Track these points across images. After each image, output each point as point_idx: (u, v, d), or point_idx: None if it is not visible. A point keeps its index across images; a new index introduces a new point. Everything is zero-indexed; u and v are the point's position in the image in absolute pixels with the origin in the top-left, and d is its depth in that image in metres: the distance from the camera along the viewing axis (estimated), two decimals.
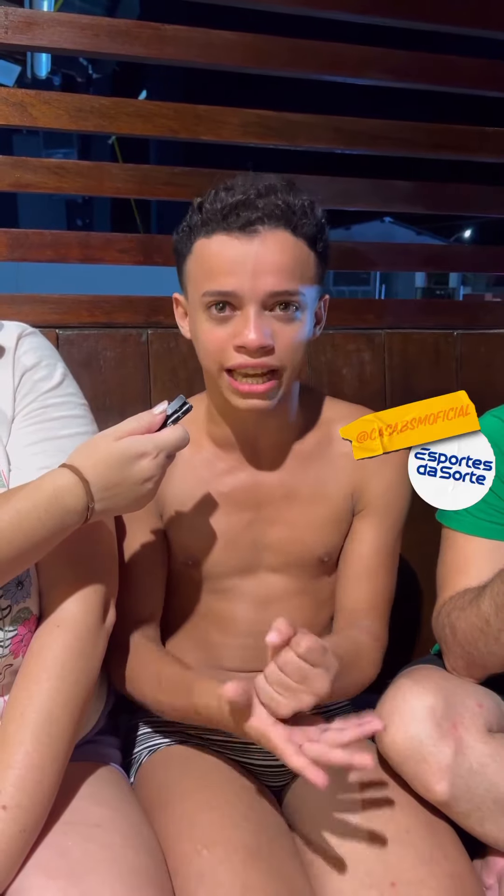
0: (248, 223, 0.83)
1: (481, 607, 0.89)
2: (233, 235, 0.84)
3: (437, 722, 0.84)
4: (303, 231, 0.86)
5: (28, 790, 0.73)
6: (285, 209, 0.84)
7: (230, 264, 0.84)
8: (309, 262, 0.87)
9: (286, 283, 0.84)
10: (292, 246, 0.85)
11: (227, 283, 0.84)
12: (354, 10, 1.36)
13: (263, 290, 0.83)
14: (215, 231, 0.85)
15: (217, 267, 0.85)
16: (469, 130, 1.46)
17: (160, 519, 0.99)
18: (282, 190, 0.85)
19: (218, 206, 0.85)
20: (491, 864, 0.90)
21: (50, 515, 0.74)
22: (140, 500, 0.80)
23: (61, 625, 0.82)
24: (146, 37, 1.25)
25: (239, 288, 0.84)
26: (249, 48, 1.31)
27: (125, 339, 1.26)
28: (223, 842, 0.81)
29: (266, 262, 0.83)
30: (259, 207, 0.83)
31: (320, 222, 0.88)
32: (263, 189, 0.85)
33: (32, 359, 0.87)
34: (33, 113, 1.22)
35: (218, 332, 0.87)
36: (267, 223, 0.84)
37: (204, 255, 0.86)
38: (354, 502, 1.01)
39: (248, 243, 0.83)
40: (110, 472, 0.76)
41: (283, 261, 0.84)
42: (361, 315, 1.44)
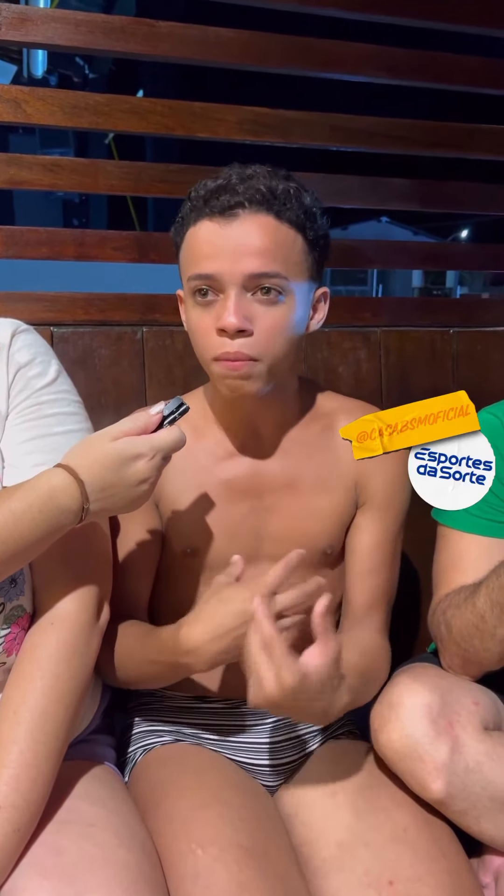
0: (229, 207, 0.84)
1: (476, 604, 0.89)
2: (214, 220, 0.84)
3: (433, 720, 0.84)
4: (286, 216, 0.85)
5: (22, 789, 0.73)
6: (266, 193, 0.84)
7: (211, 248, 0.84)
8: (294, 247, 0.86)
9: (266, 266, 0.84)
10: (274, 229, 0.85)
11: (208, 266, 0.84)
12: (351, 7, 1.36)
13: (242, 272, 0.83)
14: (200, 218, 0.86)
15: (200, 251, 0.86)
16: (465, 128, 1.45)
17: (156, 508, 0.99)
18: (265, 175, 0.86)
19: (202, 193, 0.86)
20: (487, 862, 0.90)
21: (44, 516, 0.73)
22: (135, 502, 0.80)
23: (55, 623, 0.81)
24: (141, 33, 1.25)
25: (218, 271, 0.84)
26: (245, 45, 1.31)
27: (120, 336, 1.25)
28: (218, 841, 0.81)
29: (246, 245, 0.83)
30: (239, 192, 0.84)
31: (308, 209, 0.88)
32: (246, 175, 0.86)
33: (26, 356, 0.86)
34: (27, 110, 1.22)
35: (204, 318, 0.87)
36: (248, 207, 0.84)
37: (191, 243, 0.87)
38: (358, 494, 1.00)
39: (229, 227, 0.84)
40: (106, 473, 0.76)
41: (263, 243, 0.84)
42: (358, 313, 1.43)
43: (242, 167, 0.88)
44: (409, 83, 1.42)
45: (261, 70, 1.35)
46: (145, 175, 1.31)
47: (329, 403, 1.02)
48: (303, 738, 1.05)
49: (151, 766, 0.98)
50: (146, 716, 1.06)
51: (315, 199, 0.90)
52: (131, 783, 0.98)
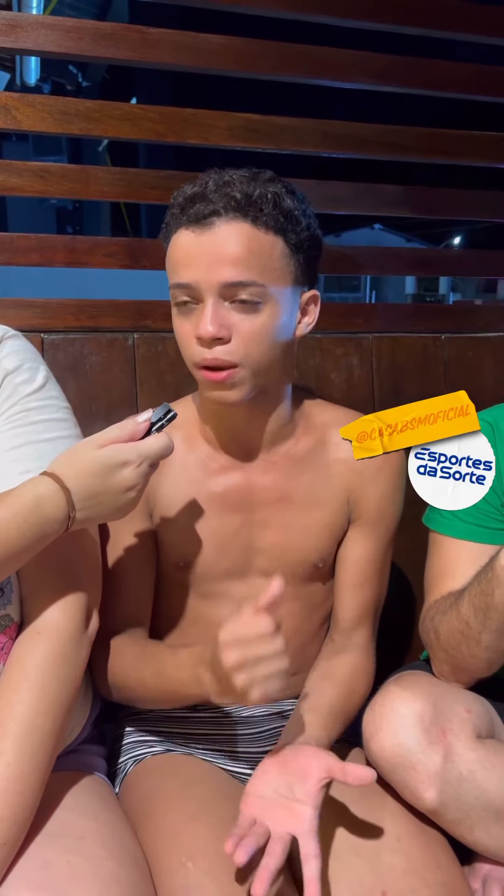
0: (204, 216, 0.83)
1: (461, 610, 0.89)
2: (191, 229, 0.84)
3: (425, 728, 0.83)
4: (263, 221, 0.84)
5: (9, 802, 0.72)
6: (241, 199, 0.83)
7: (188, 257, 0.84)
8: (274, 252, 0.85)
9: (241, 274, 0.83)
10: (250, 237, 0.84)
11: (185, 276, 0.84)
12: (342, 14, 1.36)
13: (218, 281, 0.83)
14: (179, 226, 0.86)
15: (177, 260, 0.86)
16: (457, 135, 1.46)
17: (150, 519, 0.98)
18: (242, 181, 0.85)
19: (179, 201, 0.86)
20: (476, 868, 0.90)
21: (30, 524, 0.72)
22: (122, 509, 0.79)
23: (43, 632, 0.80)
24: (131, 40, 1.25)
25: (195, 280, 0.84)
26: (236, 52, 1.31)
27: (111, 343, 1.25)
28: (208, 854, 0.80)
29: (220, 254, 0.83)
30: (213, 200, 0.83)
31: (289, 212, 0.86)
32: (223, 182, 0.85)
33: (14, 362, 0.86)
34: (17, 116, 1.21)
35: (185, 325, 0.87)
36: (223, 215, 0.83)
37: (171, 251, 0.87)
38: (350, 510, 1.00)
39: (204, 236, 0.83)
40: (92, 481, 0.75)
41: (238, 252, 0.83)
42: (350, 319, 1.43)
43: (220, 173, 0.87)
44: (401, 90, 1.42)
45: (251, 76, 1.35)
46: (137, 181, 1.31)
47: (322, 415, 1.01)
48: None
49: (142, 776, 0.97)
50: (137, 726, 1.05)
51: (300, 201, 0.89)
52: (122, 794, 0.97)
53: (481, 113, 1.64)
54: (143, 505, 0.95)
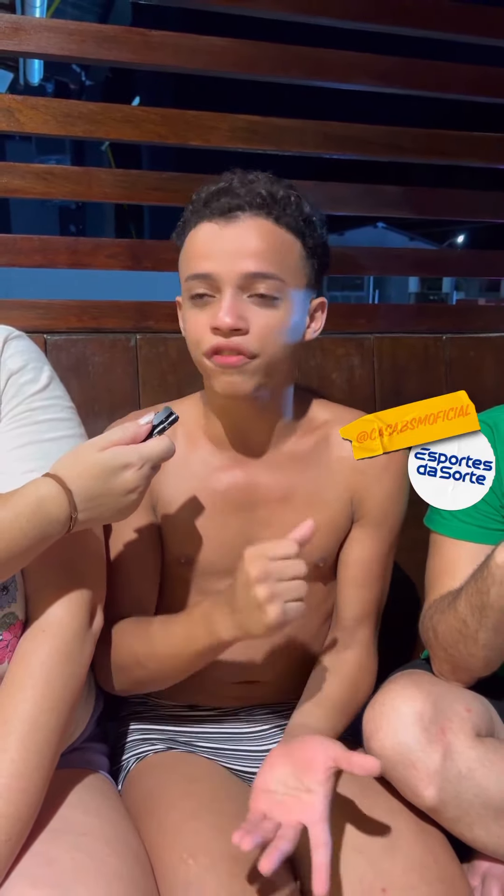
0: (229, 209, 0.85)
1: (458, 609, 0.89)
2: (214, 221, 0.86)
3: (425, 727, 0.83)
4: (285, 221, 0.86)
5: (13, 799, 0.73)
6: (266, 197, 0.85)
7: (209, 248, 0.85)
8: (293, 252, 0.87)
9: (262, 266, 0.84)
10: (271, 232, 0.86)
11: (205, 266, 0.85)
12: (343, 16, 1.36)
13: (238, 272, 0.84)
14: (201, 220, 0.87)
15: (198, 251, 0.87)
16: (458, 136, 1.46)
17: (154, 515, 0.99)
18: (266, 180, 0.88)
19: (203, 196, 0.88)
20: (476, 866, 0.90)
21: (32, 525, 0.73)
22: (123, 511, 0.80)
23: (47, 630, 0.81)
24: (133, 43, 1.25)
25: (215, 270, 0.84)
26: (237, 54, 1.31)
27: (114, 344, 1.26)
28: (209, 851, 0.81)
29: (243, 245, 0.84)
30: (240, 194, 0.85)
31: (308, 217, 0.89)
32: (248, 179, 0.87)
33: (18, 362, 0.86)
34: (20, 118, 1.22)
35: (199, 317, 0.87)
36: (248, 210, 0.85)
37: (190, 244, 0.88)
38: (354, 509, 1.00)
39: (228, 228, 0.85)
40: (94, 483, 0.76)
41: (260, 245, 0.85)
42: (351, 319, 1.44)
43: (244, 172, 0.89)
44: (401, 91, 1.43)
45: (252, 78, 1.35)
46: (139, 183, 1.31)
47: (324, 414, 1.02)
48: None
49: (144, 774, 0.97)
50: (140, 723, 1.06)
51: (315, 209, 0.91)
52: (125, 791, 0.97)
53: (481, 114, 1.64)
54: (147, 501, 0.96)
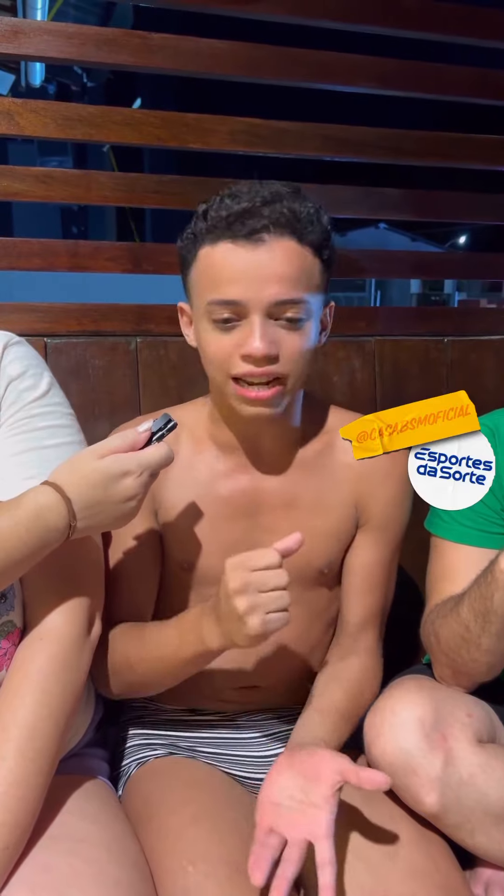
0: (254, 231, 0.82)
1: (461, 614, 0.89)
2: (238, 244, 0.83)
3: (426, 733, 0.83)
4: (308, 239, 0.85)
5: (11, 807, 0.72)
6: (291, 217, 0.83)
7: (235, 273, 0.83)
8: (314, 270, 0.86)
9: (292, 292, 0.83)
10: (298, 254, 0.84)
11: (232, 292, 0.83)
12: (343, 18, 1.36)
13: (269, 299, 0.83)
14: (220, 239, 0.84)
15: (222, 275, 0.84)
16: (457, 138, 1.46)
17: (155, 520, 0.98)
18: (287, 197, 0.84)
19: (223, 214, 0.83)
20: (479, 874, 0.90)
21: (31, 534, 0.73)
22: (122, 519, 0.80)
23: (45, 637, 0.81)
24: (134, 45, 1.25)
25: (243, 297, 0.83)
26: (238, 57, 1.31)
27: (114, 347, 1.25)
28: (208, 858, 0.80)
29: (271, 271, 0.82)
30: (265, 216, 0.82)
31: (326, 229, 0.87)
32: (269, 196, 0.84)
33: (18, 368, 0.86)
34: (20, 122, 1.22)
35: (223, 340, 0.85)
36: (273, 231, 0.83)
37: (208, 264, 0.85)
38: (358, 515, 1.00)
39: (254, 251, 0.82)
40: (93, 491, 0.76)
41: (288, 270, 0.83)
42: (352, 322, 1.43)
43: (260, 185, 0.86)
44: (402, 93, 1.43)
45: (253, 81, 1.35)
46: (138, 186, 1.31)
47: (331, 421, 1.01)
48: None
49: (144, 779, 0.97)
50: (140, 728, 1.06)
51: (329, 217, 0.89)
52: (125, 797, 0.97)
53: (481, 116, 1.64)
54: (149, 506, 0.96)
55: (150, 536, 0.98)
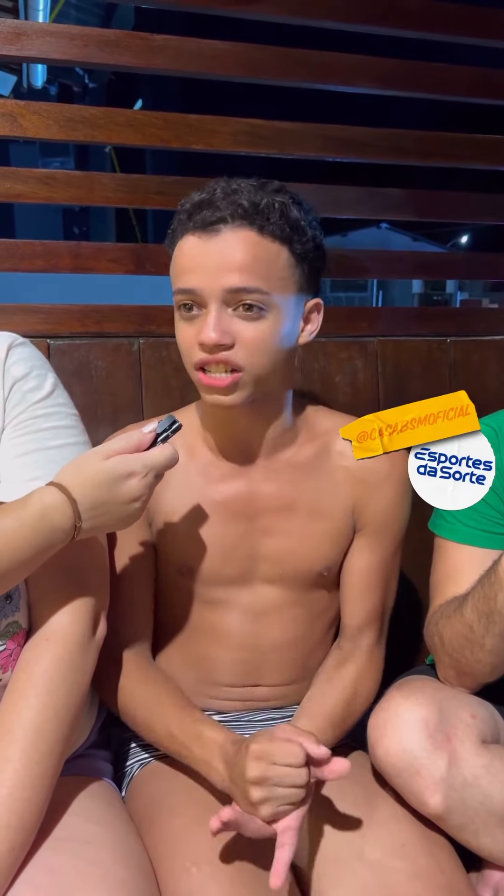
0: (211, 222, 0.84)
1: (465, 614, 0.89)
2: (197, 235, 0.85)
3: (430, 734, 0.83)
4: (269, 230, 0.85)
5: (16, 809, 0.72)
6: (248, 207, 0.84)
7: (193, 263, 0.85)
8: (278, 261, 0.86)
9: (245, 281, 0.84)
10: (255, 244, 0.85)
11: (190, 281, 0.85)
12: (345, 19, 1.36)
13: (221, 287, 0.84)
14: (185, 232, 0.87)
15: (183, 266, 0.87)
16: (458, 138, 1.46)
17: (150, 528, 0.99)
18: (249, 189, 0.86)
19: (187, 207, 0.87)
20: (487, 876, 0.90)
21: (37, 534, 0.73)
22: (127, 520, 0.80)
23: (50, 638, 0.81)
24: (136, 47, 1.25)
25: (199, 286, 0.84)
26: (240, 57, 1.31)
27: (117, 348, 1.25)
28: (212, 859, 0.80)
29: (226, 260, 0.84)
30: (221, 207, 0.84)
31: (295, 222, 0.87)
32: (230, 189, 0.86)
33: (22, 369, 0.86)
34: (23, 123, 1.22)
35: (187, 330, 0.88)
36: (230, 222, 0.84)
37: (176, 256, 0.89)
38: (356, 519, 1.00)
39: (210, 242, 0.84)
40: (98, 492, 0.76)
41: (243, 259, 0.84)
42: (355, 323, 1.43)
43: (228, 181, 0.88)
44: (403, 93, 1.43)
45: (255, 82, 1.35)
46: (141, 187, 1.31)
47: (324, 422, 1.01)
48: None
49: (148, 780, 0.97)
50: None
51: (307, 211, 0.89)
52: (128, 798, 0.97)
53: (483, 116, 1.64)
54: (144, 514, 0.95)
55: (143, 545, 0.98)
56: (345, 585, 1.02)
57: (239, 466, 0.97)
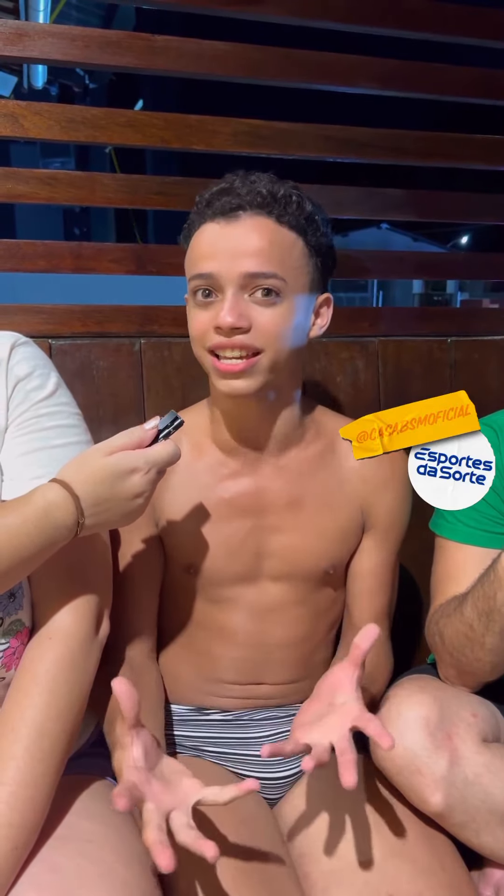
0: (230, 209, 0.86)
1: (465, 613, 0.89)
2: (216, 221, 0.87)
3: (431, 733, 0.83)
4: (286, 219, 0.87)
5: (20, 807, 0.73)
6: (267, 196, 0.86)
7: (212, 248, 0.86)
8: (294, 250, 0.88)
9: (264, 266, 0.85)
10: (272, 231, 0.86)
11: (207, 266, 0.86)
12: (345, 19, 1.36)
13: (239, 272, 0.85)
14: (204, 221, 0.88)
15: (201, 251, 0.88)
16: (459, 138, 1.46)
17: (156, 526, 0.99)
18: (267, 180, 0.89)
19: (206, 197, 0.89)
20: (488, 875, 0.90)
21: (40, 531, 0.73)
22: (130, 516, 0.80)
23: (53, 637, 0.81)
24: (137, 48, 1.26)
25: (217, 270, 0.85)
26: (240, 58, 1.31)
27: (118, 348, 1.26)
28: None
29: (244, 245, 0.85)
30: (241, 194, 0.86)
31: (311, 215, 0.89)
32: (249, 179, 0.88)
33: (26, 368, 0.87)
34: (25, 124, 1.22)
35: (202, 315, 0.88)
36: (248, 209, 0.86)
37: (194, 245, 0.90)
38: (365, 518, 1.00)
39: (229, 227, 0.86)
40: (101, 488, 0.76)
41: (261, 244, 0.85)
42: (356, 323, 1.44)
43: (247, 173, 0.90)
44: (403, 94, 1.43)
45: (255, 82, 1.35)
46: (142, 188, 1.31)
47: (330, 423, 1.02)
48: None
49: None
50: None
51: (319, 209, 0.92)
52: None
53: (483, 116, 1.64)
54: (150, 512, 0.96)
55: (149, 543, 0.99)
56: (354, 584, 1.02)
57: (247, 463, 0.97)
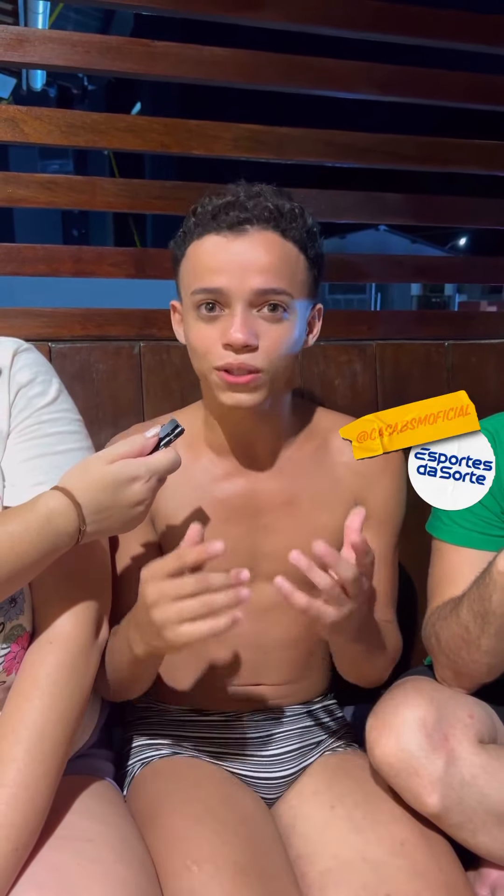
0: (238, 223, 0.85)
1: (461, 615, 0.90)
2: (222, 234, 0.86)
3: (428, 734, 0.84)
4: (291, 234, 0.87)
5: (20, 808, 0.73)
6: (274, 211, 0.86)
7: (219, 262, 0.85)
8: (298, 265, 0.88)
9: (273, 282, 0.85)
10: (280, 246, 0.86)
11: (216, 281, 0.85)
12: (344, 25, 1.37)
13: (250, 288, 0.84)
14: (206, 232, 0.87)
15: (206, 265, 0.86)
16: (457, 143, 1.47)
17: (153, 529, 0.99)
18: (271, 194, 0.88)
19: (209, 209, 0.87)
20: (484, 875, 0.90)
21: (42, 538, 0.74)
22: (130, 523, 0.81)
23: (54, 641, 0.82)
24: (137, 53, 1.26)
25: (226, 285, 0.85)
26: (240, 64, 1.32)
27: (118, 351, 1.26)
28: (213, 858, 0.81)
29: (254, 261, 0.85)
30: (248, 208, 0.86)
31: (311, 229, 0.90)
32: (253, 192, 0.88)
33: (28, 375, 0.87)
34: (25, 129, 1.23)
35: (207, 331, 0.87)
36: (256, 223, 0.85)
37: (195, 256, 0.88)
38: None
39: (237, 242, 0.85)
40: (102, 496, 0.77)
41: (270, 260, 0.85)
42: (354, 326, 1.44)
43: (248, 185, 0.90)
44: (402, 99, 1.43)
45: (254, 88, 1.36)
46: (142, 192, 1.32)
47: (323, 421, 1.02)
48: (301, 750, 1.05)
49: (149, 779, 0.98)
50: (145, 729, 1.07)
51: (313, 218, 0.92)
52: (130, 797, 0.98)
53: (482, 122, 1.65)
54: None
55: (147, 546, 0.99)
56: None
57: (241, 465, 0.98)
